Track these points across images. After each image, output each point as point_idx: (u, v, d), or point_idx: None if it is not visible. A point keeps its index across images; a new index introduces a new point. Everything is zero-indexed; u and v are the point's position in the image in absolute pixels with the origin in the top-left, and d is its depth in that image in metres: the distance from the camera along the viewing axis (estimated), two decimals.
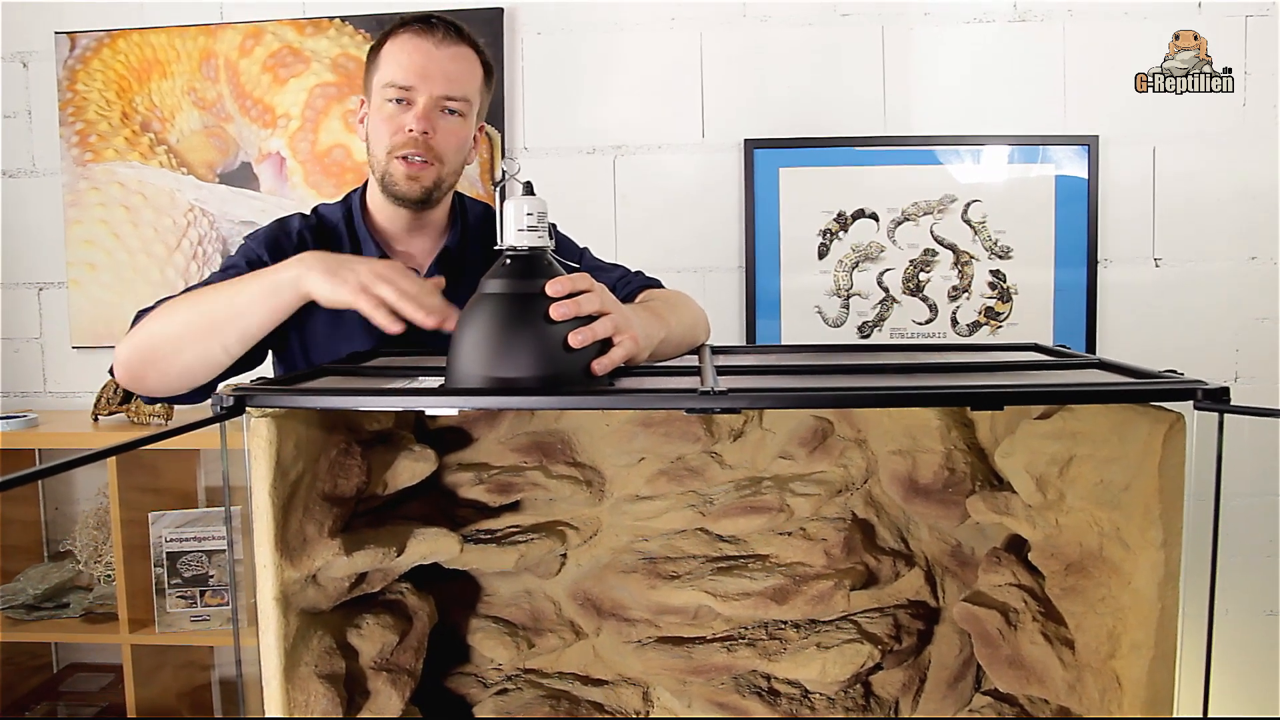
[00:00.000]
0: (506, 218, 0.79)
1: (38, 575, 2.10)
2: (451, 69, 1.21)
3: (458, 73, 1.21)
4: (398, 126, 1.20)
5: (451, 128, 1.23)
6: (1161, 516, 0.75)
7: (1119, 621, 0.80)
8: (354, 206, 1.30)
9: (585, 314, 0.80)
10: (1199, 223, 2.05)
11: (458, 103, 1.22)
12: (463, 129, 1.24)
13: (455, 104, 1.22)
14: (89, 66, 2.18)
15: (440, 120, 1.22)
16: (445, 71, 1.20)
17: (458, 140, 1.24)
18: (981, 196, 2.06)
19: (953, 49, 2.07)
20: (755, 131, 2.08)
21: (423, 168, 1.21)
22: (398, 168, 1.21)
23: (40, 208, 2.24)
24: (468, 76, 1.23)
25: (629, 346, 0.84)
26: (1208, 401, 0.71)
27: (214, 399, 0.74)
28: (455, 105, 1.22)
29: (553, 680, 1.06)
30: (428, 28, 1.20)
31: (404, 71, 1.19)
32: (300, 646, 0.85)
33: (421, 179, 1.22)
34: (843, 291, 2.10)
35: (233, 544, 1.84)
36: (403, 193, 1.23)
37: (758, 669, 1.01)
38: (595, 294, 0.82)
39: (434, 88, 1.20)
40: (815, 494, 1.01)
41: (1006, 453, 0.89)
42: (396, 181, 1.22)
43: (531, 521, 1.05)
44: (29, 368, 2.28)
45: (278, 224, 1.29)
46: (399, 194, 1.23)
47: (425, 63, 1.19)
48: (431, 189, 1.23)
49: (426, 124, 1.20)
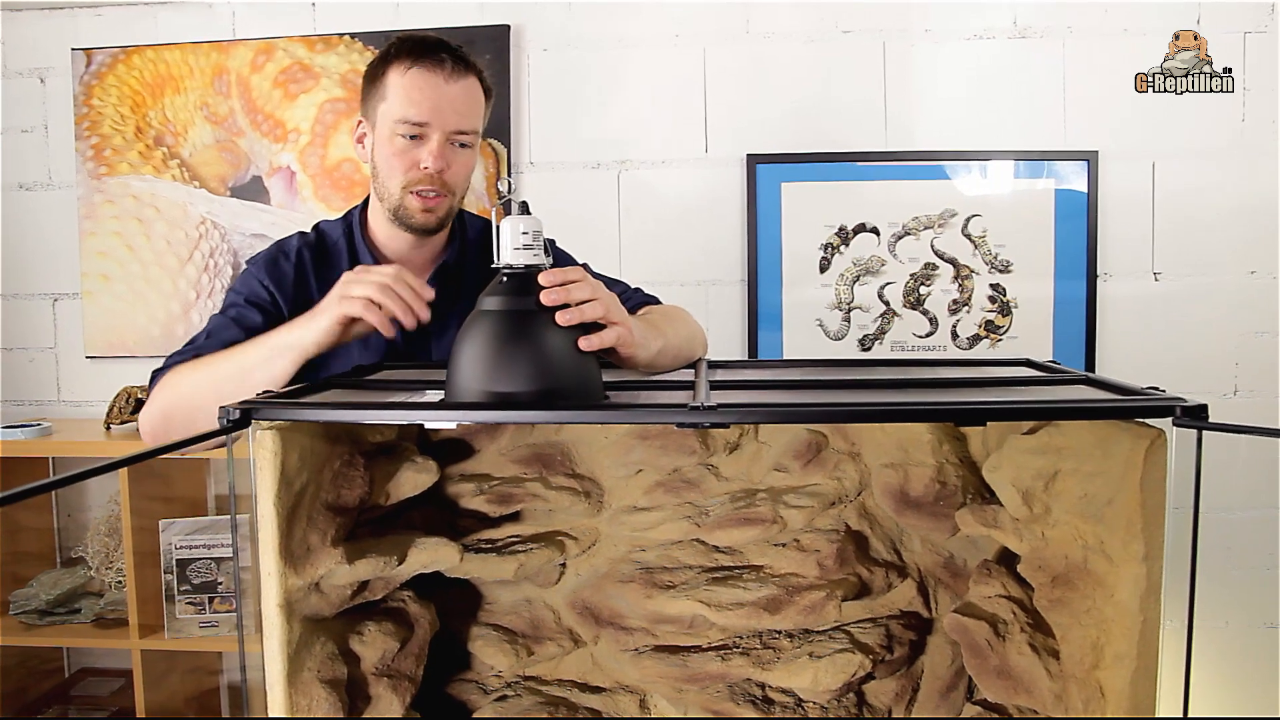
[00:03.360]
0: (503, 236, 0.82)
1: (50, 581, 2.13)
2: (461, 104, 1.23)
3: (466, 106, 1.24)
4: (412, 163, 1.22)
5: (462, 159, 1.26)
6: (1143, 530, 0.77)
7: (1102, 633, 0.81)
8: (354, 223, 1.33)
9: (575, 301, 0.83)
10: (1198, 237, 2.06)
11: (468, 135, 1.25)
12: (471, 158, 1.28)
13: (465, 137, 1.25)
14: (104, 82, 2.22)
15: (452, 154, 1.24)
16: (456, 107, 1.22)
17: (467, 170, 1.28)
18: (982, 211, 2.08)
19: (953, 64, 2.09)
20: (757, 146, 2.11)
21: (437, 201, 1.25)
22: (413, 202, 1.24)
23: (55, 220, 2.28)
24: (475, 108, 1.26)
25: (619, 332, 0.88)
26: (1186, 419, 0.72)
27: (222, 412, 0.77)
28: (465, 139, 1.25)
29: (551, 687, 1.08)
30: (437, 62, 1.21)
31: (416, 109, 1.20)
32: (303, 652, 0.87)
33: (436, 211, 1.25)
34: (844, 305, 2.12)
35: (239, 552, 1.86)
36: (418, 225, 1.26)
37: (752, 677, 1.03)
38: (585, 283, 0.85)
39: (446, 124, 1.22)
40: (809, 506, 1.03)
41: (994, 467, 0.91)
42: (412, 214, 1.25)
43: (531, 531, 1.07)
44: (43, 377, 2.32)
45: (276, 246, 1.31)
46: (413, 225, 1.26)
47: (437, 100, 1.21)
48: (443, 219, 1.28)
49: (442, 161, 1.22)
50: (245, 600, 1.66)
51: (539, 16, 2.15)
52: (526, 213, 0.83)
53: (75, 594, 2.12)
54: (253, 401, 0.79)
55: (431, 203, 1.24)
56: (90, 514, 2.26)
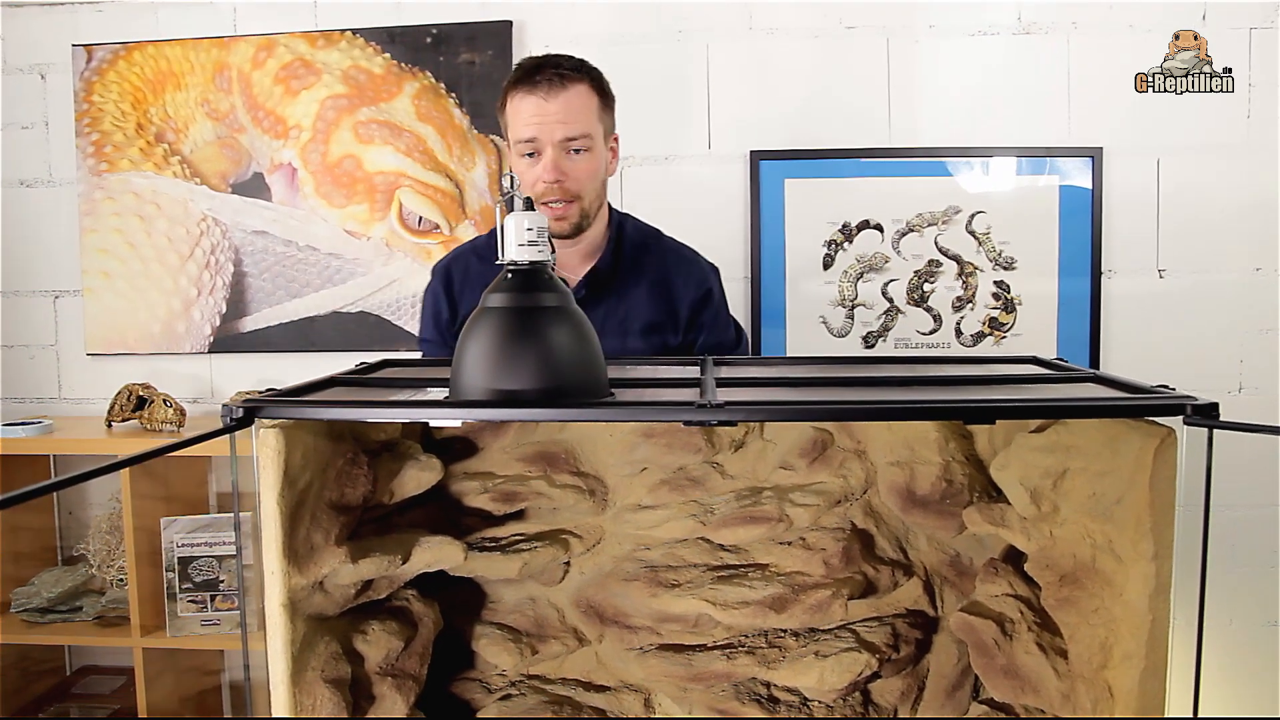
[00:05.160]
0: (507, 233, 0.81)
1: (51, 579, 2.12)
2: (566, 114, 1.32)
3: (571, 115, 1.33)
4: (534, 178, 1.35)
5: (580, 164, 1.35)
6: (1153, 529, 0.76)
7: (1111, 632, 0.81)
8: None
9: None
10: (1203, 234, 2.06)
11: (579, 140, 1.34)
12: (591, 161, 1.37)
13: (577, 142, 1.34)
14: (105, 78, 2.21)
15: (568, 163, 1.34)
16: (561, 118, 1.32)
17: (589, 171, 1.36)
18: (986, 207, 2.07)
19: (957, 61, 2.08)
20: (761, 143, 2.10)
21: (564, 209, 1.36)
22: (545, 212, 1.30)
23: (56, 217, 2.27)
24: (582, 114, 1.34)
25: None
26: (1197, 417, 0.72)
27: (224, 409, 0.76)
28: (578, 144, 1.34)
29: (556, 686, 1.08)
30: (533, 85, 1.32)
31: (526, 128, 1.34)
32: (307, 651, 0.86)
33: (567, 217, 1.37)
34: (847, 302, 2.11)
35: (242, 550, 1.86)
36: (554, 232, 1.33)
37: (757, 676, 1.03)
38: None
39: (554, 135, 1.33)
40: (815, 504, 1.03)
41: (1002, 465, 0.90)
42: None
43: (536, 530, 1.07)
44: (44, 374, 2.32)
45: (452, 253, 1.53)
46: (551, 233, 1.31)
47: (540, 118, 1.32)
48: (578, 223, 1.38)
49: (556, 172, 1.33)
50: (248, 599, 1.66)
51: (541, 12, 2.14)
52: (531, 209, 0.82)
53: (76, 592, 2.11)
54: (256, 399, 0.78)
55: (559, 211, 1.35)
56: (91, 512, 2.26)
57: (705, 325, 1.47)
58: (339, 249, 2.20)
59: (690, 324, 1.46)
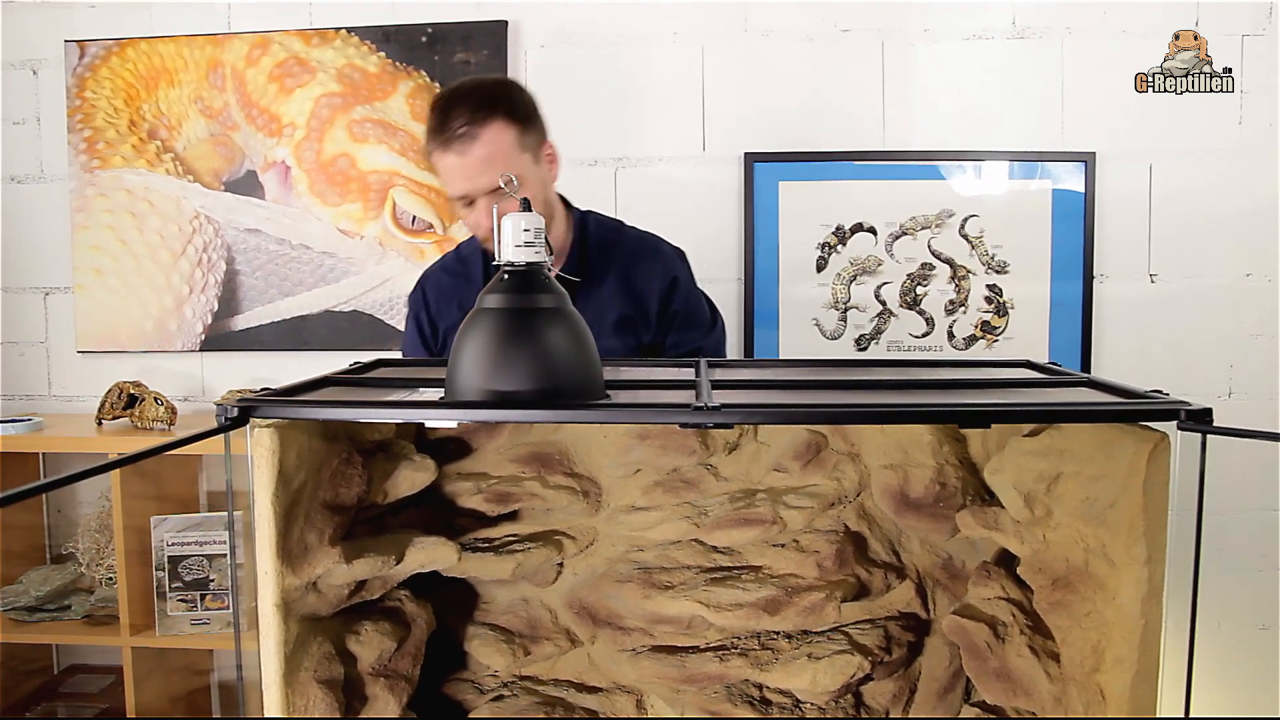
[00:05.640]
0: (504, 234, 0.81)
1: (40, 578, 2.11)
2: (485, 166, 1.33)
3: (491, 165, 1.33)
4: (475, 223, 1.40)
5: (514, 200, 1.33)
6: (1145, 534, 0.77)
7: (1103, 636, 0.81)
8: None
9: None
10: (1195, 239, 2.07)
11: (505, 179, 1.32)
12: (527, 189, 1.35)
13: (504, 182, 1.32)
14: (98, 75, 2.20)
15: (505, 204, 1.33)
16: (481, 171, 1.33)
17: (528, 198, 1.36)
18: (979, 211, 2.08)
19: (952, 65, 2.09)
20: (755, 145, 2.10)
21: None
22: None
23: (47, 213, 2.26)
24: (502, 156, 1.34)
25: None
26: (1191, 422, 0.72)
27: (219, 409, 0.76)
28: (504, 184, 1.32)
29: (548, 687, 1.08)
30: (446, 144, 1.33)
31: (453, 186, 1.37)
32: (300, 652, 0.86)
33: None
34: (840, 304, 2.11)
35: (234, 550, 1.85)
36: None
37: (750, 678, 1.03)
38: None
39: (480, 187, 1.34)
40: (808, 507, 1.03)
41: (995, 469, 0.91)
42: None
43: (529, 531, 1.06)
44: (34, 371, 2.30)
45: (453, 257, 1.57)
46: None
47: (463, 173, 1.34)
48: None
49: (491, 219, 1.31)
50: (240, 598, 1.65)
51: (537, 12, 2.14)
52: (528, 210, 0.82)
53: (65, 591, 2.10)
54: (251, 399, 0.78)
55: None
56: (81, 510, 2.25)
57: (678, 313, 1.49)
58: (332, 248, 2.19)
59: (662, 314, 1.48)
